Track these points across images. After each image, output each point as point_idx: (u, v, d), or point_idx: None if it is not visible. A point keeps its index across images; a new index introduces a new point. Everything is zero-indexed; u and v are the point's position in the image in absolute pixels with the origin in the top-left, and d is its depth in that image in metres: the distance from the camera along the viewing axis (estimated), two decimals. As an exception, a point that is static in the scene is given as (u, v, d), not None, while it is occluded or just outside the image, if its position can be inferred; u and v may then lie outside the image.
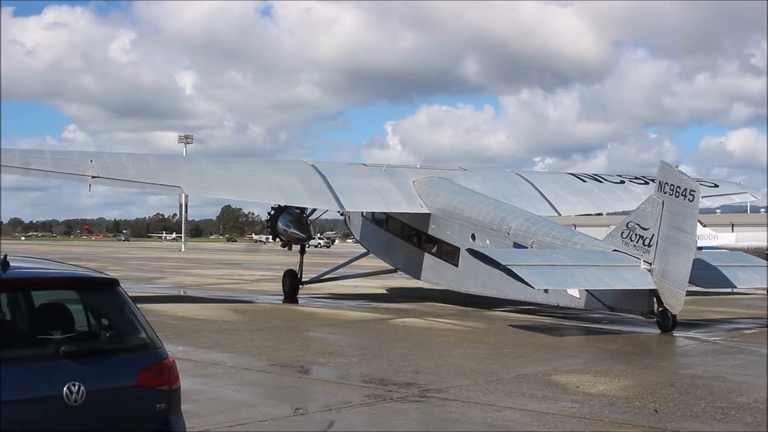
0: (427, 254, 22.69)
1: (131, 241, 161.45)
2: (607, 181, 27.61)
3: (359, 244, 27.69)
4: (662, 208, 16.34)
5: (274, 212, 24.89)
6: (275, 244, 27.06)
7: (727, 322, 19.28)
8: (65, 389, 4.88)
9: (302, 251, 25.74)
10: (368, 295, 25.95)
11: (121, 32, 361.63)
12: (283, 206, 24.40)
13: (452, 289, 22.04)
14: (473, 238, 20.74)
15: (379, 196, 22.84)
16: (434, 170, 25.26)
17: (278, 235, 25.19)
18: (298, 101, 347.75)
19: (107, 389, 5.09)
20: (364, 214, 25.98)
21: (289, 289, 24.56)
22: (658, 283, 16.45)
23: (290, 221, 24.54)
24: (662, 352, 15.12)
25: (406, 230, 23.78)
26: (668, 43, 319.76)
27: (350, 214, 26.84)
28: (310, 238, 25.93)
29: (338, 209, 23.36)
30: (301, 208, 24.30)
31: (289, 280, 24.69)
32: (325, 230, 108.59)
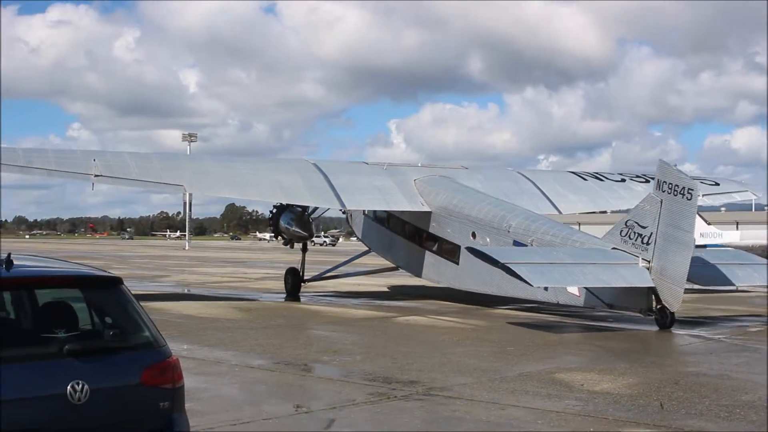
0: (428, 252, 22.72)
1: (135, 239, 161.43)
2: (608, 179, 27.60)
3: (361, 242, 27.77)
4: (660, 206, 16.39)
5: (276, 210, 25.02)
6: (278, 242, 27.17)
7: (731, 319, 19.25)
8: (69, 388, 4.87)
9: (304, 249, 25.79)
10: (371, 293, 25.96)
11: (125, 30, 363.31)
12: (285, 205, 24.52)
13: (453, 287, 22.05)
14: (474, 236, 20.75)
15: (380, 194, 22.87)
16: (435, 168, 25.31)
17: (280, 233, 25.33)
18: (301, 99, 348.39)
19: (111, 388, 5.08)
20: (365, 212, 26.02)
21: (291, 287, 24.71)
22: (656, 280, 16.48)
23: (292, 219, 24.65)
24: (666, 350, 15.10)
25: (407, 228, 23.81)
26: (673, 41, 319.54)
27: (352, 212, 26.88)
28: (311, 236, 26.08)
29: (339, 207, 23.39)
30: (302, 206, 24.37)
31: (291, 277, 24.88)
32: (329, 228, 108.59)
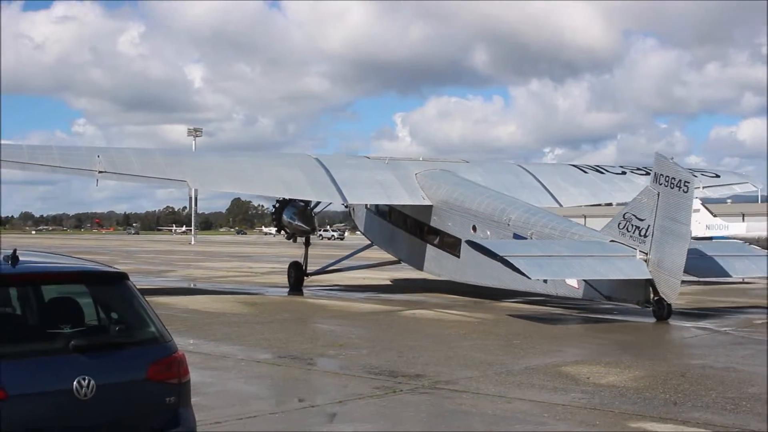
0: (429, 246, 22.80)
1: (141, 234, 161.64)
2: (608, 172, 27.63)
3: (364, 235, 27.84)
4: (658, 199, 16.49)
5: (279, 205, 25.16)
6: (282, 236, 27.28)
7: (737, 312, 19.22)
8: (75, 383, 4.87)
9: (307, 243, 25.85)
10: (375, 286, 26.00)
11: (129, 25, 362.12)
12: (287, 199, 24.60)
13: (454, 279, 22.13)
14: (474, 229, 20.82)
15: (381, 188, 22.95)
16: (436, 162, 25.37)
17: (283, 227, 25.48)
18: (306, 93, 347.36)
19: (117, 383, 5.08)
20: (367, 206, 26.08)
21: (294, 280, 24.86)
22: (653, 272, 16.57)
23: (295, 214, 24.78)
24: (672, 342, 15.10)
25: (408, 222, 23.87)
26: (678, 32, 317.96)
27: (354, 206, 26.95)
28: (314, 230, 26.21)
29: (341, 202, 23.49)
30: (305, 201, 24.44)
31: (294, 271, 25.04)
32: (334, 222, 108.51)
